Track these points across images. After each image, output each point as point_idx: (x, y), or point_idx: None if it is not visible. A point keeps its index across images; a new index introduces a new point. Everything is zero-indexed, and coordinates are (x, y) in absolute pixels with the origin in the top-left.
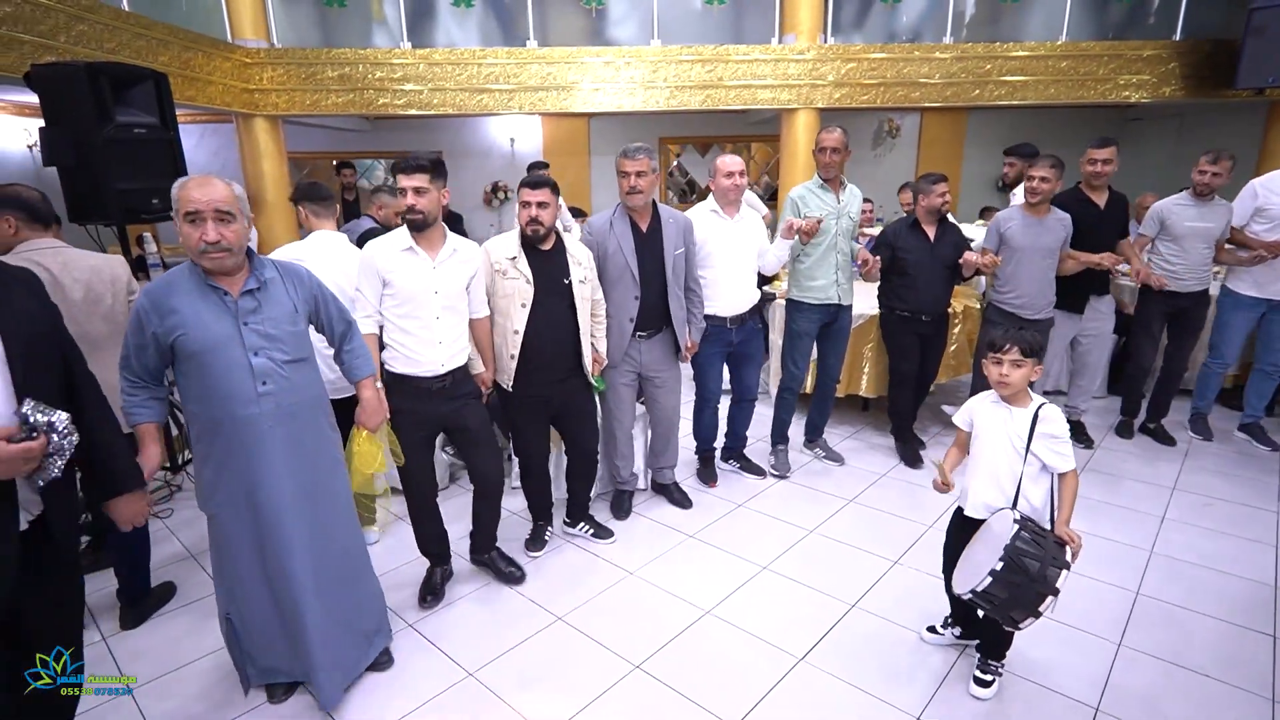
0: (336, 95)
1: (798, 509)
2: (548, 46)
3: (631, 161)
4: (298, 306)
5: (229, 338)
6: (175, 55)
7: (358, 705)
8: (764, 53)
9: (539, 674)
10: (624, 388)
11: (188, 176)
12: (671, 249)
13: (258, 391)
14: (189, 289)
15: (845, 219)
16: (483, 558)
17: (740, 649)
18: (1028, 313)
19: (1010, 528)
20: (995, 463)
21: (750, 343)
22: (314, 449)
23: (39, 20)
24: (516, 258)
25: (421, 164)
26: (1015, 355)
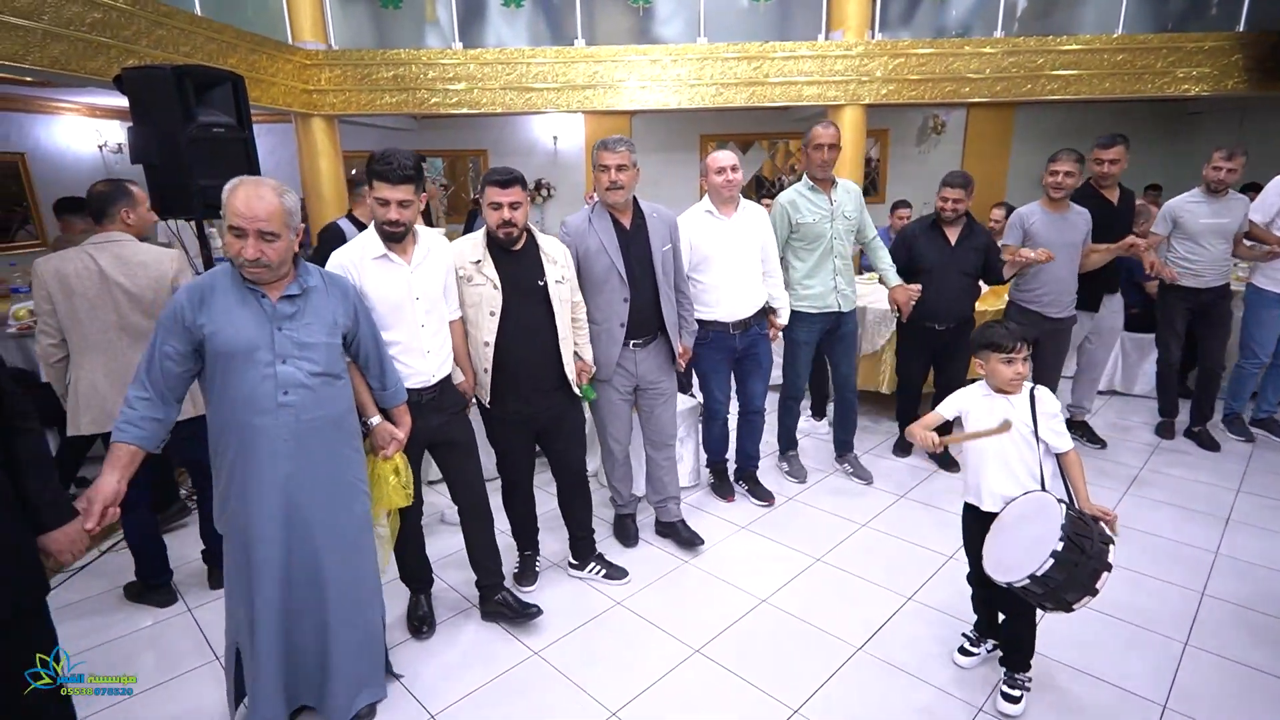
0: (390, 95)
1: (845, 504)
2: (595, 45)
3: (612, 154)
4: (338, 319)
5: (260, 342)
6: (243, 57)
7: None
8: (810, 49)
9: (602, 654)
10: (620, 402)
11: (240, 180)
12: (659, 245)
13: (277, 401)
14: (227, 289)
15: (841, 220)
16: (494, 599)
17: (798, 637)
18: (1053, 310)
19: (1057, 509)
20: (1007, 455)
21: (755, 349)
22: (328, 471)
23: (124, 26)
24: (481, 261)
25: (408, 174)
26: (1025, 353)
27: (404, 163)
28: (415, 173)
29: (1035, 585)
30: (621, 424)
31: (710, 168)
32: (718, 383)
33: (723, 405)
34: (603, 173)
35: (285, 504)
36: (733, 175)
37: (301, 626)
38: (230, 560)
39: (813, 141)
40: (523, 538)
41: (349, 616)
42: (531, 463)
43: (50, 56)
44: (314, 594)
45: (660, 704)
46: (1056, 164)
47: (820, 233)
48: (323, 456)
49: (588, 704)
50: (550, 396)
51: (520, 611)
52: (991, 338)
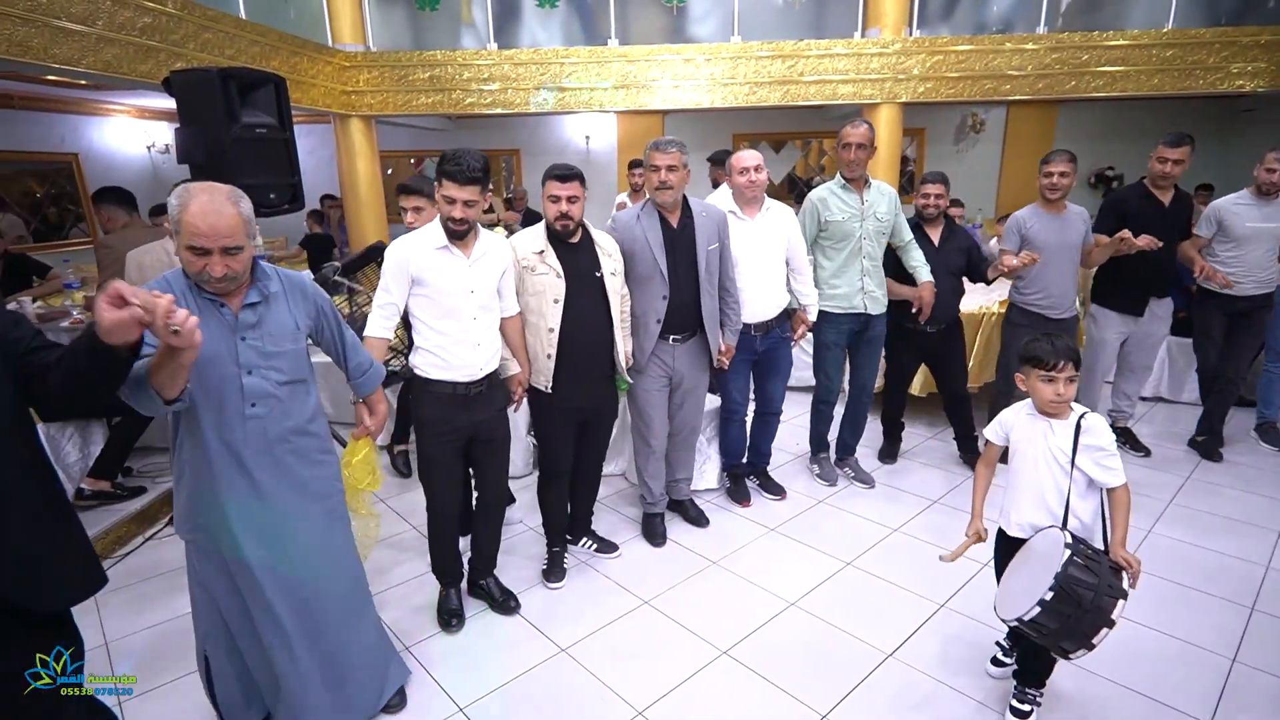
0: (426, 96)
1: (877, 509)
2: (628, 45)
3: (663, 155)
4: (299, 323)
5: (224, 353)
6: (284, 60)
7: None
8: (845, 47)
9: (628, 653)
10: (657, 393)
11: (189, 191)
12: (705, 245)
13: (245, 414)
14: (183, 299)
15: (871, 220)
16: (480, 584)
17: (827, 641)
18: (1054, 312)
19: (1061, 553)
20: (1038, 480)
21: (776, 352)
22: (302, 478)
23: (172, 30)
24: (544, 251)
25: (475, 175)
26: (1070, 371)
27: (472, 165)
28: (482, 175)
29: (1026, 628)
30: (659, 416)
31: (734, 167)
32: (737, 384)
33: (741, 406)
34: (653, 172)
35: (259, 519)
36: (755, 176)
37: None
38: (196, 565)
39: (842, 140)
40: (553, 532)
41: (350, 620)
42: (571, 450)
43: (104, 60)
44: (306, 609)
45: (687, 705)
46: (1051, 165)
47: (849, 232)
48: (294, 465)
49: (614, 702)
50: (600, 385)
51: (500, 601)
52: (1033, 351)
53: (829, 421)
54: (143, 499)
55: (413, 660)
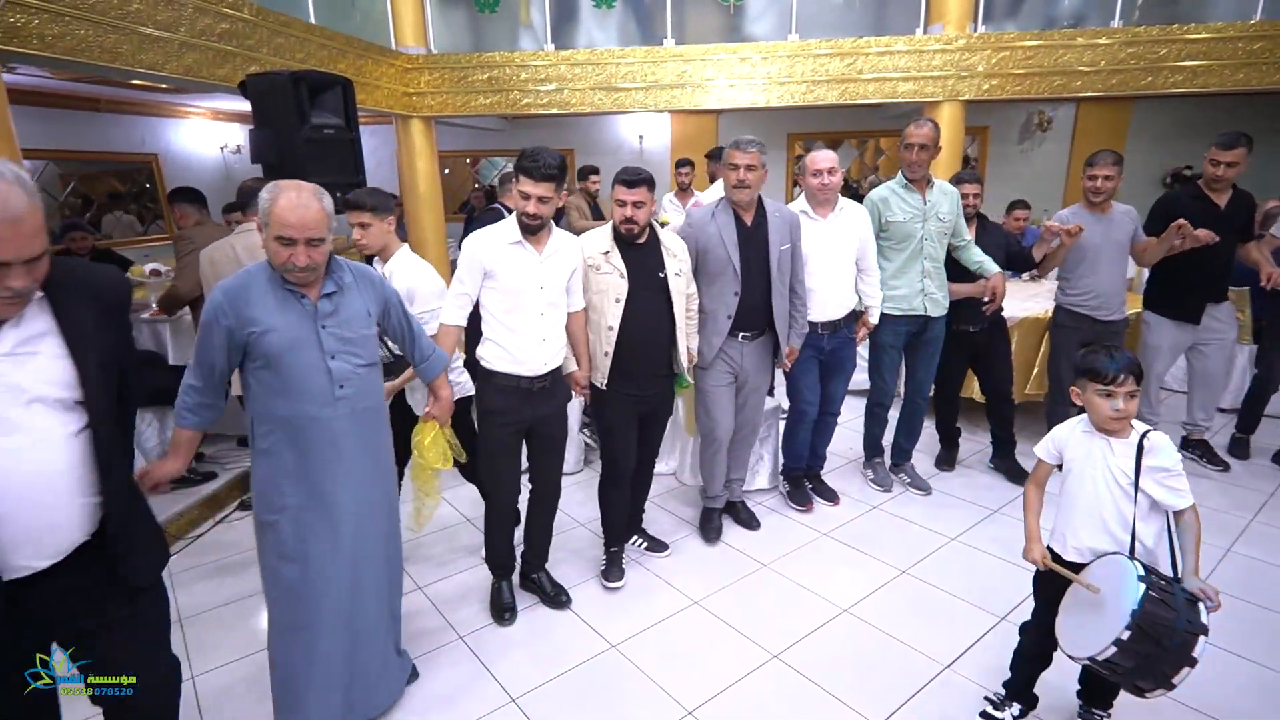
0: (484, 96)
1: (934, 516)
2: (684, 45)
3: (743, 154)
4: (370, 311)
5: (308, 340)
6: (350, 63)
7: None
8: (906, 44)
9: (678, 652)
10: (723, 389)
11: (279, 187)
12: (777, 245)
13: (334, 395)
14: (266, 289)
15: (933, 221)
16: (532, 577)
17: (881, 650)
18: (1102, 314)
19: (1133, 586)
20: (1097, 502)
21: (842, 352)
22: (376, 453)
23: (248, 35)
24: (610, 252)
25: (551, 173)
26: (1130, 385)
27: (549, 162)
28: (558, 173)
29: (1099, 668)
30: (725, 411)
31: (808, 168)
32: (807, 383)
33: (811, 405)
34: (732, 171)
35: (351, 490)
36: (829, 178)
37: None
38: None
39: (905, 140)
40: (612, 531)
41: (391, 595)
42: (634, 446)
43: (185, 65)
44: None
45: (737, 707)
46: (1095, 168)
47: (910, 233)
48: (371, 442)
49: (664, 700)
50: (658, 382)
51: (552, 595)
52: (1090, 363)
53: (883, 425)
54: (214, 484)
55: (466, 649)
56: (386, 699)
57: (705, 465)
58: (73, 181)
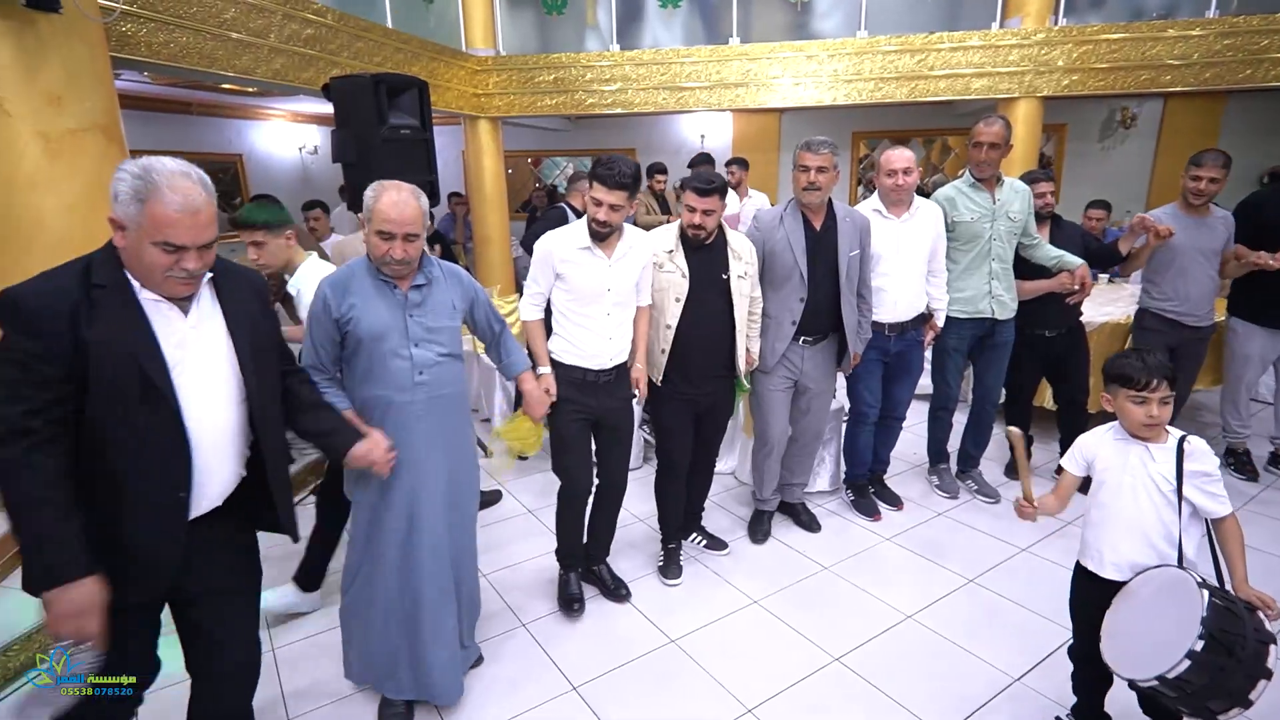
0: (549, 97)
1: (1004, 525)
2: (749, 43)
3: (814, 156)
4: (456, 304)
5: (396, 328)
6: (424, 65)
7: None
8: (980, 39)
9: (738, 650)
10: (780, 393)
11: (383, 185)
12: (846, 250)
13: (414, 380)
14: (364, 281)
15: (1003, 220)
16: (594, 569)
17: (948, 659)
18: (1189, 319)
19: (1195, 595)
20: (1138, 513)
21: (908, 355)
22: (455, 441)
23: (330, 40)
24: (674, 251)
25: (625, 182)
26: (1165, 391)
27: (624, 171)
28: (632, 182)
29: (1166, 688)
30: (779, 416)
31: (882, 167)
32: (868, 385)
33: (872, 409)
34: (802, 173)
35: (425, 473)
36: (903, 179)
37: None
38: (361, 519)
39: (974, 138)
40: (669, 527)
41: (468, 575)
42: (689, 444)
43: (273, 69)
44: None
45: (797, 707)
46: (1201, 169)
47: (978, 233)
48: (450, 429)
49: (724, 697)
50: (716, 383)
51: (612, 588)
52: (1121, 368)
53: (948, 430)
54: (291, 468)
55: (529, 636)
56: (443, 686)
57: (756, 468)
58: None
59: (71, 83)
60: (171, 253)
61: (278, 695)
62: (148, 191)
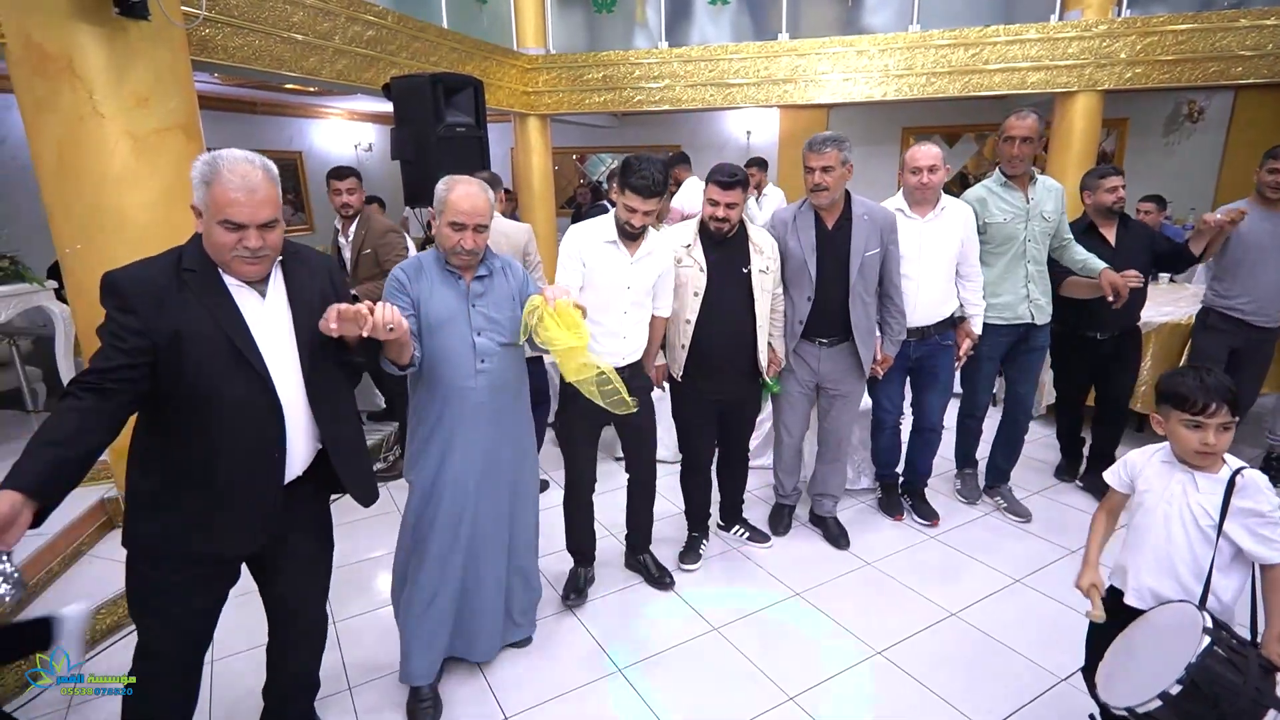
0: (598, 94)
1: (1052, 528)
2: (798, 39)
3: (817, 155)
4: (515, 295)
5: (460, 316)
6: (477, 64)
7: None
8: (1038, 32)
9: (779, 640)
10: (798, 394)
11: (455, 179)
12: (860, 250)
13: (476, 368)
14: (433, 271)
15: (1037, 220)
16: (638, 559)
17: (993, 656)
18: (1259, 319)
19: (1197, 637)
20: (1168, 543)
21: (933, 361)
22: (513, 426)
23: (389, 41)
24: (691, 245)
25: (658, 191)
26: (1224, 417)
27: (656, 179)
28: (664, 187)
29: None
30: (796, 417)
31: (906, 164)
32: (886, 391)
33: (890, 414)
34: (808, 174)
35: (483, 458)
36: (929, 177)
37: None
38: (416, 500)
39: (1005, 133)
40: (694, 518)
41: (524, 559)
42: (712, 442)
43: (336, 70)
44: (497, 540)
45: (837, 697)
46: (1278, 161)
47: (1011, 234)
48: (510, 414)
49: (764, 684)
50: (737, 380)
51: (656, 578)
52: (1175, 387)
53: (977, 438)
54: None
55: (575, 619)
56: (484, 651)
57: (776, 462)
58: None
59: (157, 85)
60: (233, 231)
61: (339, 664)
62: (212, 175)
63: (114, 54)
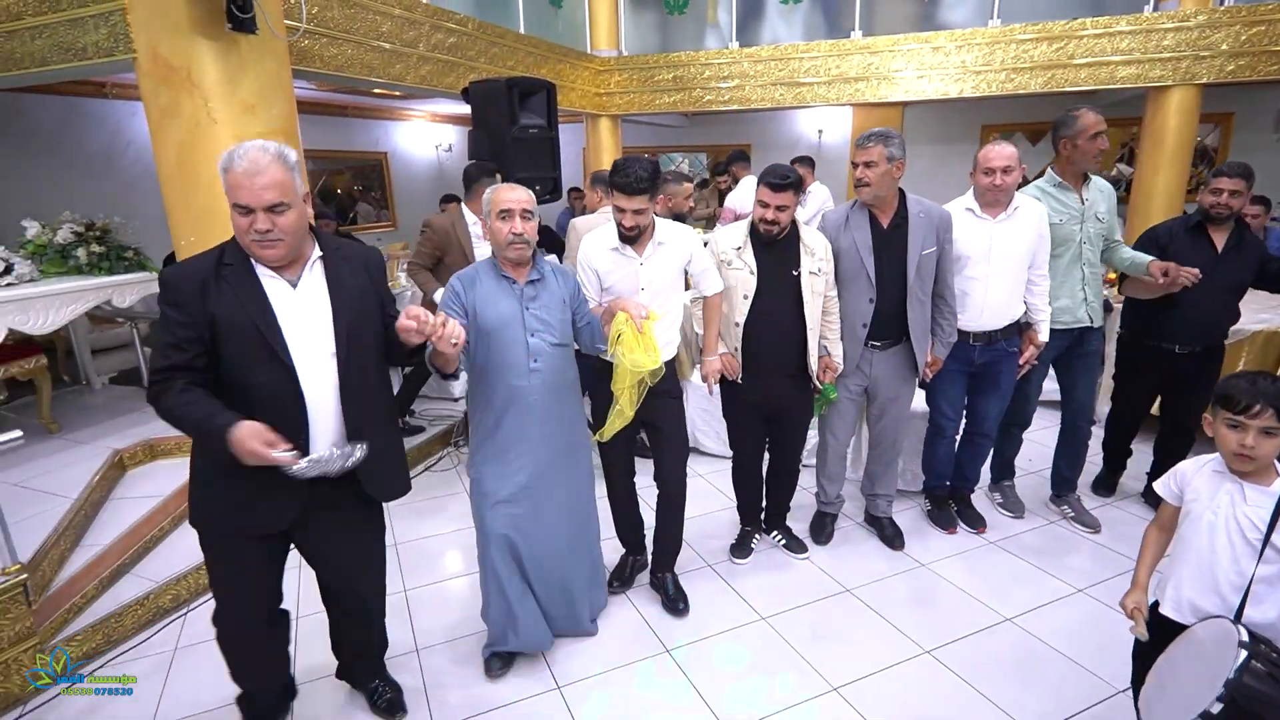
0: (668, 95)
1: (1116, 537)
2: (872, 36)
3: (861, 151)
4: (565, 299)
5: (514, 318)
6: (551, 67)
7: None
8: (1130, 23)
9: (827, 633)
10: (846, 401)
11: (496, 186)
12: (918, 248)
13: (529, 367)
14: (488, 276)
15: (1092, 222)
16: (657, 577)
17: (1047, 663)
18: None
19: (1233, 652)
20: (1212, 554)
21: (996, 367)
22: (568, 424)
23: (469, 47)
24: (741, 248)
25: (643, 187)
26: (1268, 420)
27: (640, 175)
28: (649, 185)
29: None
30: (844, 423)
31: (979, 164)
32: (947, 396)
33: (951, 423)
34: (853, 169)
35: (539, 453)
36: (1003, 179)
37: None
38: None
39: (1087, 131)
40: (746, 513)
41: (583, 556)
42: (761, 443)
43: (420, 75)
44: (558, 534)
45: (883, 691)
46: None
47: (1067, 236)
48: (563, 413)
49: (810, 674)
50: (785, 384)
51: (671, 602)
52: (1225, 387)
53: (1017, 447)
54: (421, 437)
55: (625, 599)
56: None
57: (820, 468)
58: (323, 177)
59: (263, 93)
60: (245, 215)
61: (409, 629)
62: (227, 162)
63: (227, 65)
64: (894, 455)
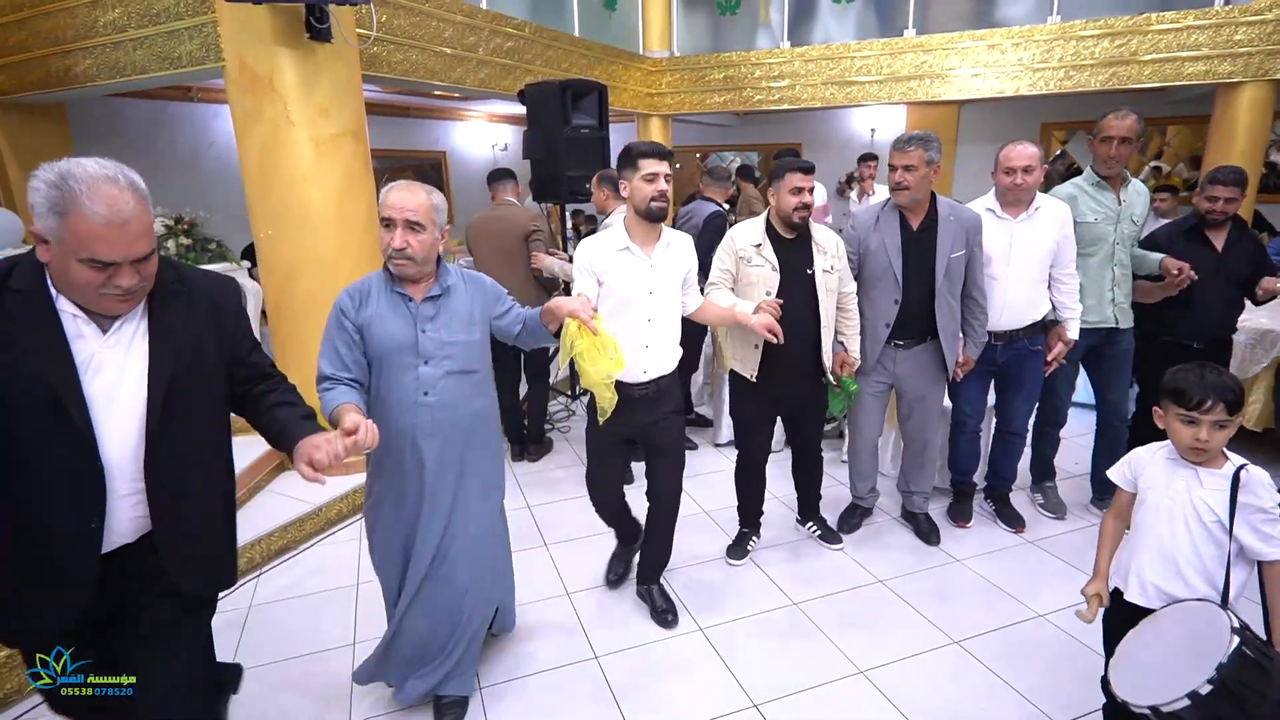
0: (719, 95)
1: None
2: (925, 34)
3: (900, 155)
4: (476, 315)
5: (407, 343)
6: (604, 69)
7: None
8: (1200, 18)
9: (856, 621)
10: (870, 398)
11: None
12: (946, 251)
13: (417, 400)
14: (380, 292)
15: (1127, 223)
16: (644, 589)
17: (1079, 659)
18: None
19: (1225, 637)
20: (1172, 542)
21: (1019, 366)
22: (464, 469)
23: (525, 50)
24: (762, 244)
25: (665, 151)
26: (1220, 415)
27: (658, 143)
28: (663, 149)
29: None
30: (870, 420)
31: (1000, 164)
32: (967, 394)
33: (970, 418)
34: (891, 172)
35: (429, 497)
36: (1024, 178)
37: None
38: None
39: (1103, 133)
40: (745, 515)
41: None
42: (768, 440)
43: (479, 78)
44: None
45: (909, 678)
46: None
47: (1101, 235)
48: (462, 453)
49: (837, 657)
50: (801, 380)
51: (660, 613)
52: (1174, 382)
53: (1054, 446)
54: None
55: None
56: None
57: (850, 462)
58: (385, 174)
59: (336, 97)
60: (101, 270)
61: None
62: (66, 203)
63: (305, 72)
64: (926, 453)
